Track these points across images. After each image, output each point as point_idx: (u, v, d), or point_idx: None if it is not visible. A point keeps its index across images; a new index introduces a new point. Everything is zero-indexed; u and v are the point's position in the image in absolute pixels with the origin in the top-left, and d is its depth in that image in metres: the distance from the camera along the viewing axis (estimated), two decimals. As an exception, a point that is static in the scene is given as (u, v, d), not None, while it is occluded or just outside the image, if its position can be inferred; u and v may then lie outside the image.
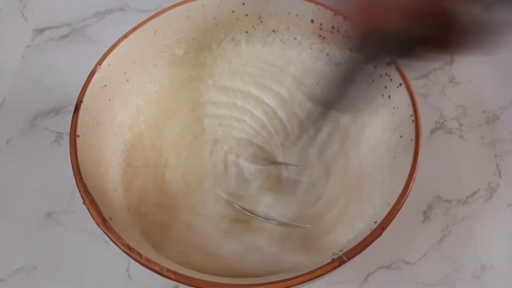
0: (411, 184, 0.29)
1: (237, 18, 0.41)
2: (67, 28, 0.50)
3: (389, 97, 0.35)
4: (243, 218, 0.35)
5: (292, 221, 0.35)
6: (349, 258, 0.26)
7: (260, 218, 0.35)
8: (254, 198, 0.37)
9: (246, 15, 0.41)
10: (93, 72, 0.34)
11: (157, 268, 0.25)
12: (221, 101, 0.41)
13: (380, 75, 0.36)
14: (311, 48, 0.41)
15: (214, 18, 0.40)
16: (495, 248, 0.38)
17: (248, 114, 0.41)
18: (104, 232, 0.27)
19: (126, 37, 0.36)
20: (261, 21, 0.41)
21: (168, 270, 0.25)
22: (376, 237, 0.27)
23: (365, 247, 0.26)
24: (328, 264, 0.26)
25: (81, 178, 0.29)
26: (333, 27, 0.38)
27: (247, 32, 0.42)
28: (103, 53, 0.35)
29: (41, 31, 0.50)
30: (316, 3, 0.38)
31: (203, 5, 0.39)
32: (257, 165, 0.39)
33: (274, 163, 0.38)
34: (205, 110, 0.41)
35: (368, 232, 0.27)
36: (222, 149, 0.39)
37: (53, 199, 0.39)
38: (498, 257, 0.37)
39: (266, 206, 0.36)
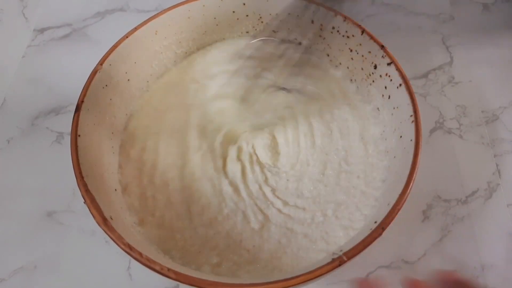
0: (411, 184, 0.29)
1: (238, 19, 0.41)
2: (68, 28, 0.50)
3: (389, 97, 0.35)
4: None
5: None
6: (349, 258, 0.26)
7: None
8: None
9: (247, 16, 0.41)
10: (94, 72, 0.34)
11: (157, 268, 0.26)
12: (221, 103, 0.41)
13: (380, 76, 0.36)
14: (310, 48, 0.41)
15: (215, 18, 0.40)
16: (495, 247, 0.38)
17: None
18: (105, 232, 0.27)
19: (127, 37, 0.36)
20: (262, 22, 0.41)
21: (168, 269, 0.25)
22: (376, 237, 0.27)
23: (365, 247, 0.27)
24: (328, 264, 0.26)
25: (82, 177, 0.29)
26: (333, 28, 0.38)
27: (247, 32, 0.42)
28: (103, 53, 0.35)
29: (41, 31, 0.50)
30: (317, 4, 0.38)
31: (204, 6, 0.39)
32: None
33: None
34: (204, 110, 0.41)
35: (368, 232, 0.27)
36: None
37: (54, 198, 0.39)
38: (498, 256, 0.37)
39: None
